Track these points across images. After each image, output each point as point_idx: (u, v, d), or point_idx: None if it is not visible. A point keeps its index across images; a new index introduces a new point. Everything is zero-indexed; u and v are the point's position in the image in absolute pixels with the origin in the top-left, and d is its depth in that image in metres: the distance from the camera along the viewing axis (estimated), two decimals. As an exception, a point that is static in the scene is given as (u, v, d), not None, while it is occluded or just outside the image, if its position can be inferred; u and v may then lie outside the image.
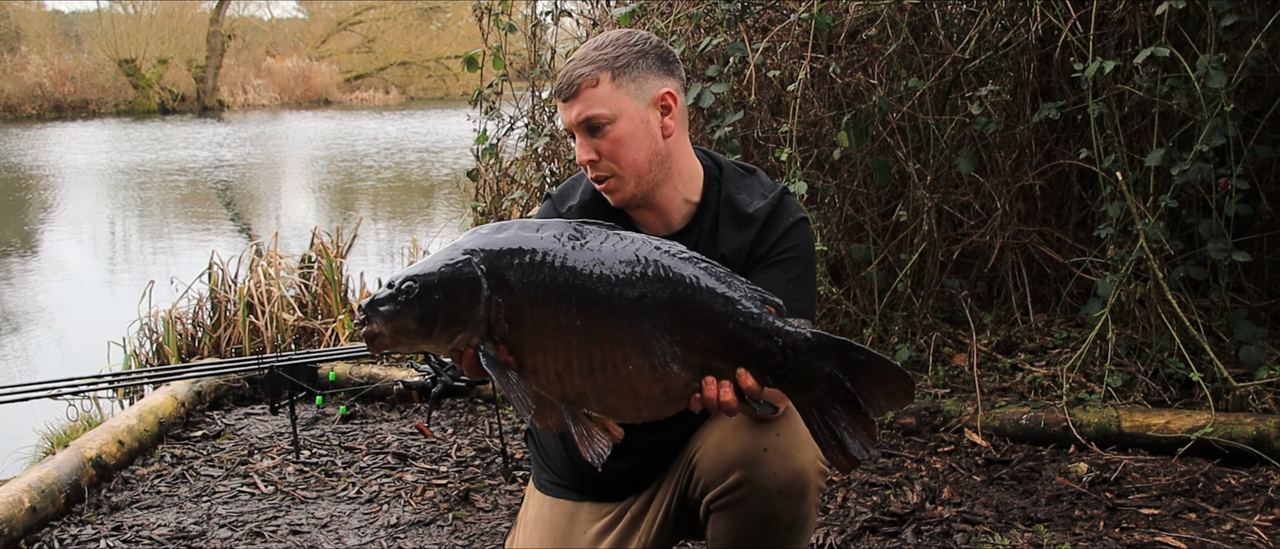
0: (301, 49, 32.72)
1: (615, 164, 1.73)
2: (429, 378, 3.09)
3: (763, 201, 1.81)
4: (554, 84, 1.78)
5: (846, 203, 3.79)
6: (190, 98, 29.00)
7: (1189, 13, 3.28)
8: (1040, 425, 3.09)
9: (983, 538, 2.52)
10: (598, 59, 1.71)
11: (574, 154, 4.03)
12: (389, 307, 1.42)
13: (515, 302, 1.42)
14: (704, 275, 1.44)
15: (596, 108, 1.71)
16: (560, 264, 1.42)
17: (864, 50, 3.78)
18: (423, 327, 1.42)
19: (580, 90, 1.71)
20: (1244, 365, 3.15)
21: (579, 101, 1.71)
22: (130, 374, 3.81)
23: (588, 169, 1.76)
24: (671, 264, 1.44)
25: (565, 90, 1.73)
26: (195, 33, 29.73)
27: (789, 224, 1.79)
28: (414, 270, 1.44)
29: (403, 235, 8.68)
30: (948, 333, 3.64)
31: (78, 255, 8.61)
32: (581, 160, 1.74)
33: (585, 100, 1.71)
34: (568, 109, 1.73)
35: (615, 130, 1.71)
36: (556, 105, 1.78)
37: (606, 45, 1.73)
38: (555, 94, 1.76)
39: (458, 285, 1.42)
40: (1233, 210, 3.11)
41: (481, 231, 1.49)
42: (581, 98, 1.71)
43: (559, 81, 1.74)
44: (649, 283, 1.42)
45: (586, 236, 1.45)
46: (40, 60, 26.35)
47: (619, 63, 1.71)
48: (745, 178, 1.86)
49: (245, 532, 2.71)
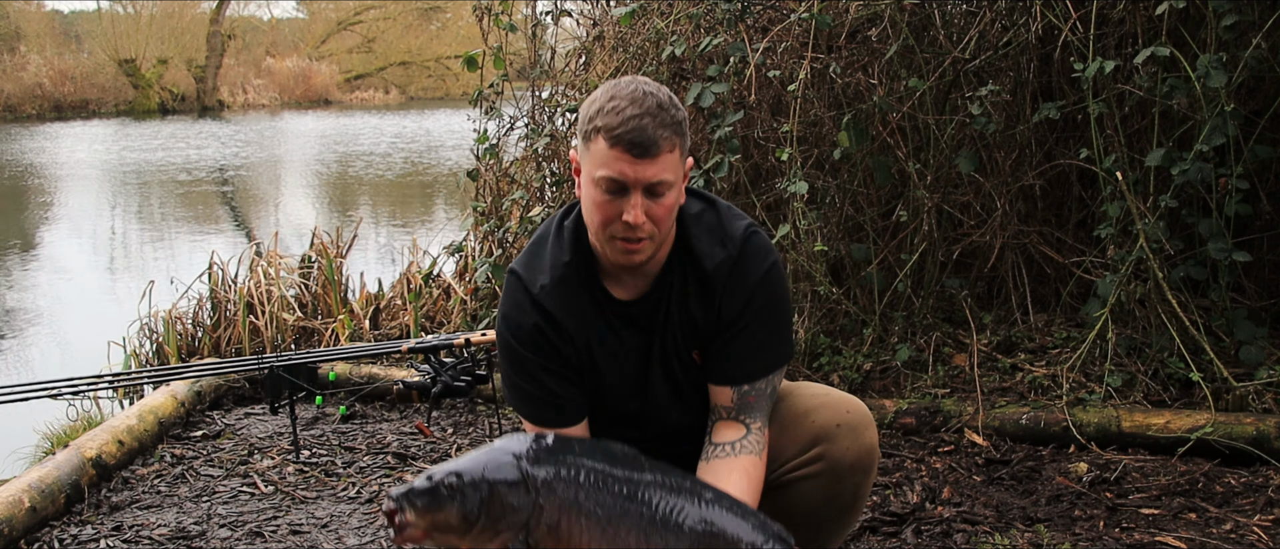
0: (301, 49, 32.71)
1: (657, 229, 1.66)
2: (429, 378, 3.09)
3: (722, 253, 1.74)
4: (608, 128, 1.60)
5: (846, 203, 3.79)
6: (190, 98, 29.00)
7: (1189, 12, 3.28)
8: (1040, 425, 3.09)
9: (983, 538, 2.52)
10: (671, 122, 1.62)
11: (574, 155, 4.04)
12: (428, 500, 1.41)
13: (556, 511, 1.45)
14: (729, 516, 1.53)
15: (668, 174, 1.63)
16: (600, 482, 1.47)
17: (864, 50, 3.78)
18: (464, 523, 1.43)
19: (661, 153, 1.61)
20: (1244, 365, 3.15)
21: (656, 164, 1.61)
22: (130, 374, 3.82)
23: (625, 228, 1.64)
24: (702, 504, 1.52)
25: (644, 144, 1.59)
26: (195, 33, 29.71)
27: (755, 281, 1.74)
28: (455, 466, 1.44)
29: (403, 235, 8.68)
30: (948, 333, 3.64)
31: (78, 255, 8.61)
32: (634, 220, 1.62)
33: (662, 164, 1.61)
34: (637, 166, 1.60)
35: (670, 197, 1.65)
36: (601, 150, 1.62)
37: (668, 104, 1.63)
38: (617, 142, 1.60)
39: (504, 487, 1.44)
40: (1233, 210, 3.10)
41: (522, 438, 1.51)
42: (660, 161, 1.61)
43: (626, 130, 1.59)
44: (681, 516, 1.50)
45: (627, 460, 1.51)
46: (40, 60, 26.34)
47: (684, 128, 1.65)
48: (707, 224, 1.77)
49: (245, 532, 2.71)
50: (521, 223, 4.12)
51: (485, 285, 4.33)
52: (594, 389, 1.79)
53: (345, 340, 4.65)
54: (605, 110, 1.61)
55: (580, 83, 4.35)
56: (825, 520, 1.85)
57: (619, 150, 1.60)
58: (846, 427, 1.80)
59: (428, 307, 4.84)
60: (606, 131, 1.60)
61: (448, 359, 3.13)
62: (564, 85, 4.44)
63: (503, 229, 4.25)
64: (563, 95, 4.40)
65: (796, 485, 1.81)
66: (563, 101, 4.34)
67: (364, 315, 4.87)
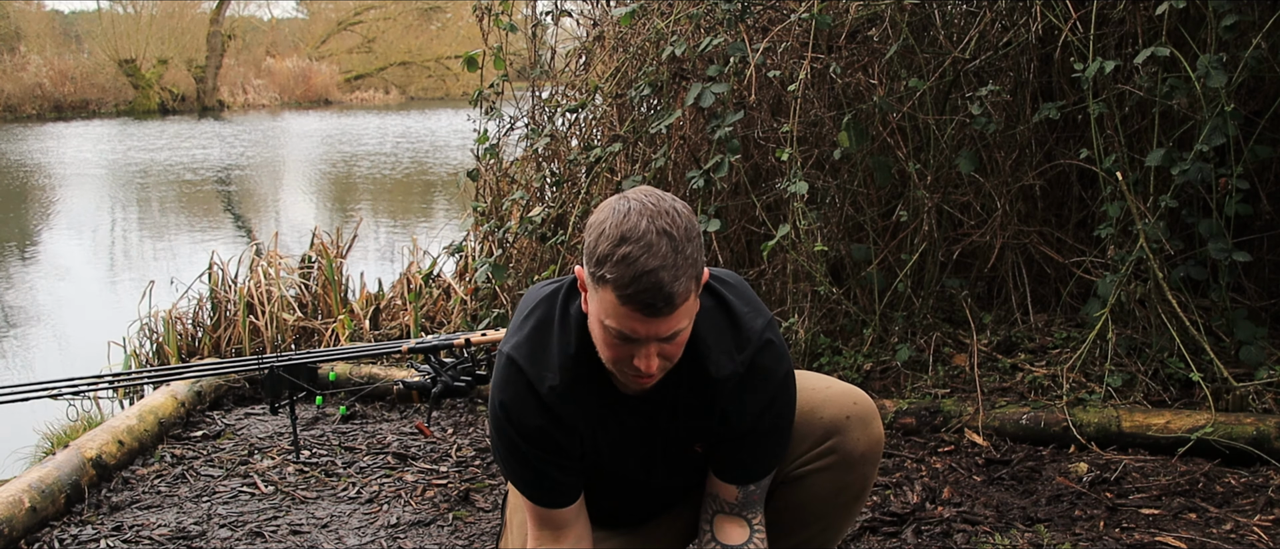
0: (301, 49, 32.72)
1: (670, 362, 1.56)
2: (429, 378, 3.09)
3: (730, 366, 1.64)
4: (617, 282, 1.44)
5: (846, 203, 3.79)
6: (190, 98, 29.00)
7: (1189, 12, 3.28)
8: (1040, 425, 3.09)
9: (983, 538, 2.52)
10: (687, 264, 1.45)
11: (574, 156, 4.05)
12: None
13: None
14: None
15: (685, 322, 1.50)
16: None
17: (864, 50, 3.78)
18: None
19: (677, 309, 1.46)
20: (1244, 365, 3.15)
21: (671, 318, 1.47)
22: (130, 374, 3.81)
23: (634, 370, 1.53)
24: None
25: (657, 306, 1.44)
26: (195, 33, 29.72)
27: (764, 400, 1.67)
28: None
29: (403, 235, 8.68)
30: (948, 333, 3.64)
31: (78, 255, 8.61)
32: (647, 368, 1.51)
33: (678, 316, 1.47)
34: (651, 324, 1.47)
35: (684, 335, 1.53)
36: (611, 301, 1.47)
37: (682, 240, 1.45)
38: (628, 301, 1.44)
39: None
40: (1233, 210, 3.10)
41: None
42: (676, 314, 1.47)
43: (637, 290, 1.43)
44: None
45: None
46: (40, 60, 26.35)
47: (699, 266, 1.48)
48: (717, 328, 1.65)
49: (245, 532, 2.71)
50: (521, 223, 4.12)
51: (485, 285, 4.33)
52: (593, 464, 1.77)
53: (345, 340, 4.65)
54: (615, 260, 1.44)
55: (580, 83, 4.35)
56: (833, 510, 1.86)
57: (630, 309, 1.45)
58: (856, 418, 1.81)
59: (428, 307, 4.84)
60: (617, 287, 1.44)
61: (448, 359, 3.13)
62: (564, 85, 4.44)
63: (503, 229, 4.25)
64: (563, 95, 4.40)
65: (809, 478, 1.82)
66: (563, 101, 4.34)
67: (364, 315, 4.87)
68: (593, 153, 3.92)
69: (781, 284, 3.73)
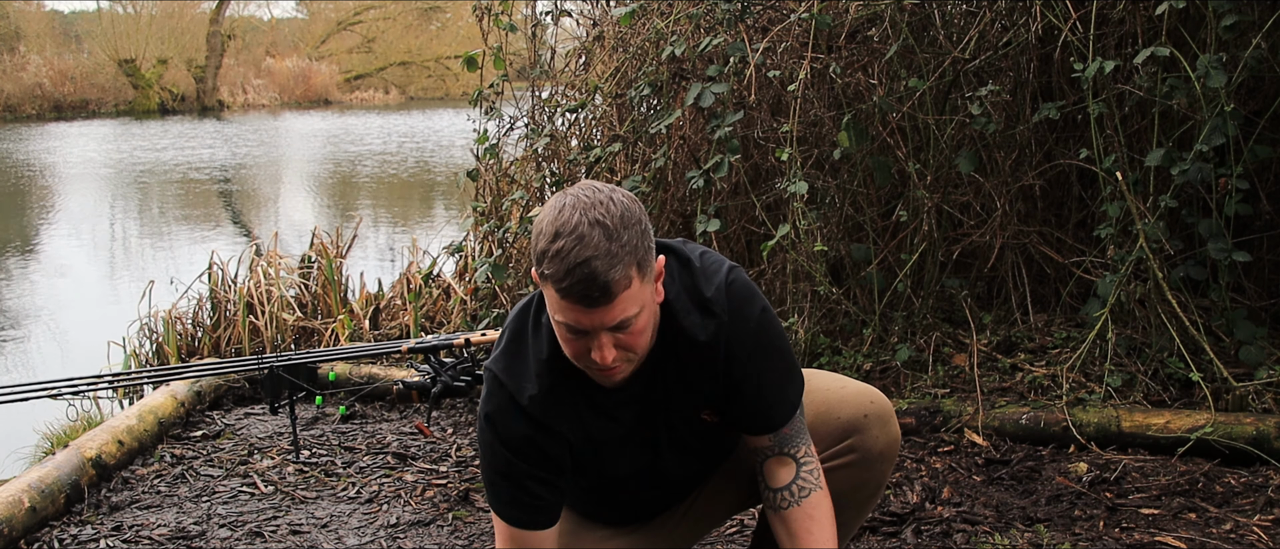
0: (301, 49, 32.71)
1: (631, 353, 1.55)
2: (429, 378, 3.09)
3: (712, 322, 1.63)
4: (553, 275, 1.46)
5: (846, 203, 3.79)
6: (190, 98, 29.00)
7: (1189, 12, 3.28)
8: (1040, 425, 3.09)
9: (983, 538, 2.52)
10: (623, 253, 1.45)
11: (574, 156, 4.04)
12: None
13: None
14: None
15: (631, 308, 1.49)
16: None
17: (864, 50, 3.78)
18: None
19: (616, 295, 1.45)
20: (1244, 365, 3.15)
21: (613, 307, 1.46)
22: (130, 374, 3.82)
23: (596, 364, 1.53)
24: None
25: (594, 295, 1.44)
26: (195, 33, 29.72)
27: (752, 333, 1.66)
28: None
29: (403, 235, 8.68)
30: (948, 333, 3.64)
31: (78, 255, 8.61)
32: (603, 360, 1.51)
33: (621, 304, 1.47)
34: (592, 315, 1.47)
35: (639, 322, 1.52)
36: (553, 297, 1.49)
37: (616, 229, 1.45)
38: (567, 295, 1.46)
39: None
40: (1233, 210, 3.10)
41: None
42: (617, 303, 1.46)
43: (572, 281, 1.44)
44: None
45: None
46: (40, 60, 26.35)
47: (640, 251, 1.48)
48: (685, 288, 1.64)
49: (245, 532, 2.71)
50: (521, 223, 4.12)
51: (485, 285, 4.33)
52: (595, 469, 1.76)
53: (345, 340, 4.65)
54: (551, 256, 1.45)
55: (580, 83, 4.35)
56: (849, 507, 1.87)
57: (569, 301, 1.46)
58: (874, 416, 1.84)
59: (428, 307, 4.84)
60: (554, 281, 1.45)
61: (448, 359, 3.13)
62: (564, 85, 4.44)
63: (503, 229, 4.25)
64: (563, 95, 4.40)
65: (828, 475, 1.82)
66: (563, 101, 4.34)
67: (364, 315, 4.87)
68: (593, 153, 3.92)
69: (781, 284, 3.73)
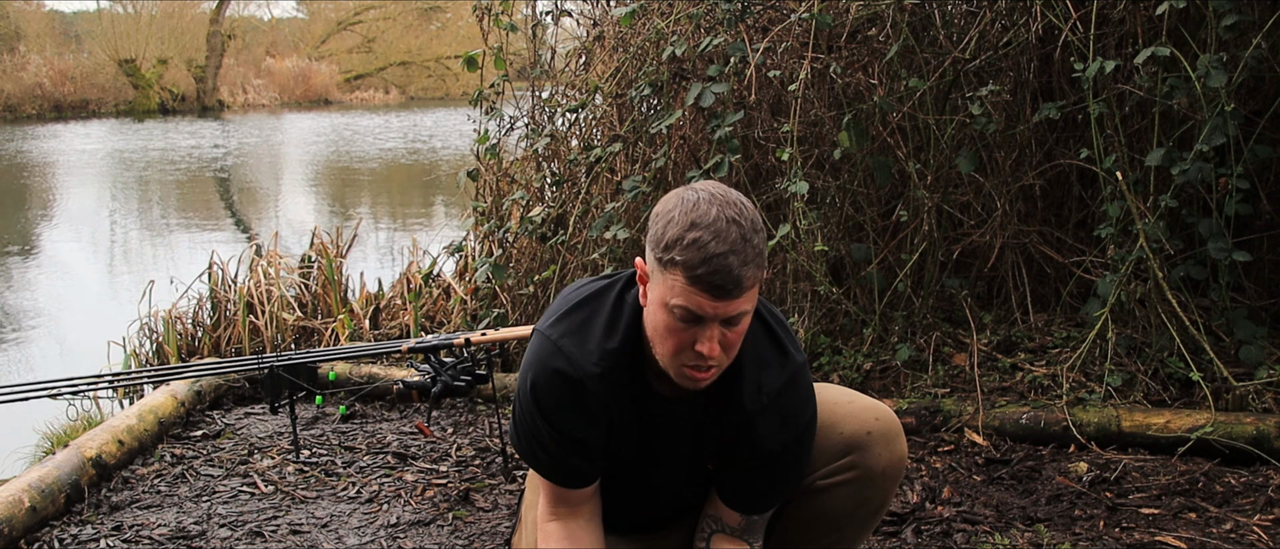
0: (301, 49, 32.72)
1: (727, 356, 1.57)
2: (429, 377, 3.09)
3: (762, 400, 1.66)
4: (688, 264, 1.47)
5: (847, 203, 3.79)
6: (190, 98, 29.01)
7: (1189, 12, 3.28)
8: (1040, 425, 3.09)
9: (983, 538, 2.52)
10: (756, 254, 1.49)
11: (574, 156, 4.04)
12: None
13: None
14: None
15: (748, 305, 1.52)
16: None
17: (864, 50, 3.78)
18: None
19: (745, 292, 1.49)
20: (1244, 365, 3.15)
21: (738, 301, 1.49)
22: (130, 374, 3.81)
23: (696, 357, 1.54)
24: None
25: (726, 287, 1.46)
26: (195, 33, 29.72)
27: (792, 434, 1.69)
28: None
29: (403, 235, 8.68)
30: (948, 332, 3.64)
31: (78, 255, 8.61)
32: (709, 352, 1.52)
33: (745, 300, 1.50)
34: (718, 305, 1.49)
35: (745, 323, 1.55)
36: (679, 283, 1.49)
37: (751, 232, 1.49)
38: (697, 282, 1.47)
39: None
40: (1233, 210, 3.10)
41: None
42: (743, 298, 1.49)
43: (708, 270, 1.46)
44: None
45: None
46: (40, 60, 26.35)
47: (764, 258, 1.52)
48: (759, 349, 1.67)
49: (245, 531, 2.71)
50: (522, 223, 4.12)
51: (485, 285, 4.33)
52: (614, 464, 1.77)
53: (345, 340, 4.65)
54: (686, 244, 1.47)
55: (580, 83, 4.35)
56: (850, 524, 1.86)
57: (699, 289, 1.48)
58: (878, 434, 1.80)
59: (428, 306, 4.84)
60: (686, 269, 1.47)
61: (448, 359, 3.13)
62: (564, 85, 4.44)
63: (503, 229, 4.25)
64: (563, 95, 4.40)
65: (828, 491, 1.81)
66: (563, 102, 4.34)
67: (364, 315, 4.87)
68: (593, 153, 3.92)
69: (781, 284, 3.73)
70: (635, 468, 1.78)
